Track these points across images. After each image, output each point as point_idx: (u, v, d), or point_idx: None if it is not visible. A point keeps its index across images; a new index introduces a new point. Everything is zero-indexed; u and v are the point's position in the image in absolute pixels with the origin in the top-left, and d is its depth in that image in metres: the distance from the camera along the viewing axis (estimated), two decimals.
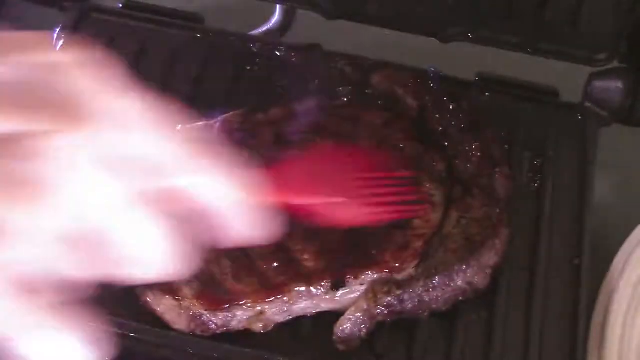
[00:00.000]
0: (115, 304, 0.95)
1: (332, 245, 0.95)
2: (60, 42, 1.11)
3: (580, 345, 0.96)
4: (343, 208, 0.82)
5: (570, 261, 1.01)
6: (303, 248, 0.95)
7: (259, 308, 0.91)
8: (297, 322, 0.95)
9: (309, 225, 0.95)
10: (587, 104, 1.13)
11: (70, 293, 0.57)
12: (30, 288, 0.55)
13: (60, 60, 0.58)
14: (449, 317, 0.97)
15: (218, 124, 1.04)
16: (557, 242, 1.02)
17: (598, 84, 1.12)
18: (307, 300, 0.93)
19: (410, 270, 0.95)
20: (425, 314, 0.95)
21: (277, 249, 0.94)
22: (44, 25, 1.16)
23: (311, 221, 0.78)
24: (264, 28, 1.28)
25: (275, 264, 0.93)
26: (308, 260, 0.94)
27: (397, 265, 0.94)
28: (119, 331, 0.93)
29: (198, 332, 0.91)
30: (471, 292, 0.96)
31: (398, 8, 1.13)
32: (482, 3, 1.11)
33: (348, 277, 0.93)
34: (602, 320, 1.02)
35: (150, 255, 0.58)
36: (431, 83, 1.09)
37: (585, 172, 1.07)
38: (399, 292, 0.93)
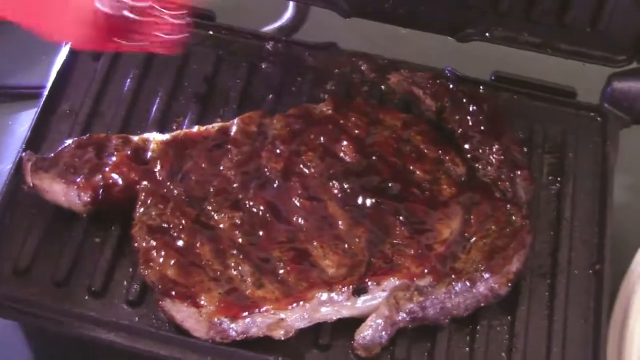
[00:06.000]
0: (132, 310, 0.94)
1: (354, 251, 0.93)
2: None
3: (602, 351, 0.95)
4: None
5: (591, 267, 1.00)
6: (324, 254, 0.93)
7: (279, 315, 0.90)
8: (317, 328, 0.93)
9: (330, 230, 0.95)
10: (607, 106, 1.11)
11: None
12: None
13: None
14: (470, 323, 0.96)
15: (234, 125, 1.02)
16: (577, 247, 1.01)
17: (618, 85, 1.10)
18: (328, 306, 0.91)
19: (431, 276, 0.93)
20: (446, 320, 0.94)
21: (298, 254, 0.93)
22: None
23: None
24: (276, 25, 1.26)
25: (297, 270, 0.91)
26: (329, 266, 0.92)
27: (418, 271, 0.93)
28: (135, 337, 0.92)
29: (217, 339, 0.90)
30: (492, 298, 0.95)
31: (415, 7, 1.12)
32: (501, 1, 1.09)
33: (370, 283, 0.92)
34: (621, 322, 1.01)
35: None
36: (449, 84, 1.08)
37: (606, 175, 1.06)
38: (421, 299, 0.92)
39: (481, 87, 1.12)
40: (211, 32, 1.15)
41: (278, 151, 1.00)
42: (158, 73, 1.11)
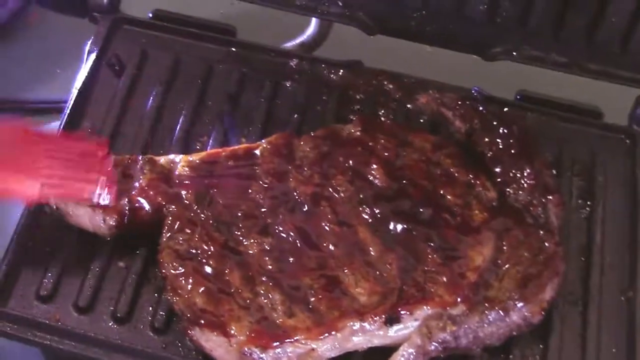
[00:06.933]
0: (158, 337, 0.92)
1: (386, 278, 0.91)
2: (92, 55, 1.09)
3: None
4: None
5: (624, 294, 0.98)
6: (356, 281, 0.91)
7: (311, 345, 0.88)
8: (348, 357, 0.91)
9: (361, 256, 0.93)
10: (635, 127, 1.10)
11: None
12: None
13: None
14: (502, 352, 0.94)
15: (262, 147, 1.00)
16: (609, 273, 0.99)
17: None
18: (360, 336, 0.89)
19: (464, 305, 0.91)
20: (479, 349, 0.92)
21: (329, 282, 0.91)
22: (75, 37, 1.12)
23: None
24: (298, 40, 1.24)
25: (328, 298, 0.90)
26: (361, 295, 0.90)
27: (451, 299, 0.91)
28: None
29: None
30: (525, 327, 0.93)
31: (443, 25, 1.10)
32: (530, 21, 1.07)
33: (402, 312, 0.90)
34: None
35: None
36: (479, 105, 1.06)
37: (636, 198, 1.04)
38: (454, 328, 0.90)
39: (505, 108, 1.10)
40: (234, 49, 1.13)
41: (307, 174, 0.98)
42: (181, 91, 1.09)
